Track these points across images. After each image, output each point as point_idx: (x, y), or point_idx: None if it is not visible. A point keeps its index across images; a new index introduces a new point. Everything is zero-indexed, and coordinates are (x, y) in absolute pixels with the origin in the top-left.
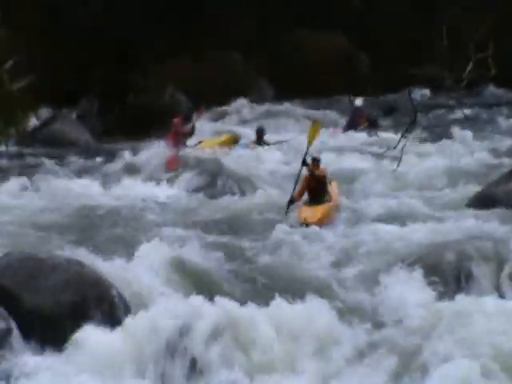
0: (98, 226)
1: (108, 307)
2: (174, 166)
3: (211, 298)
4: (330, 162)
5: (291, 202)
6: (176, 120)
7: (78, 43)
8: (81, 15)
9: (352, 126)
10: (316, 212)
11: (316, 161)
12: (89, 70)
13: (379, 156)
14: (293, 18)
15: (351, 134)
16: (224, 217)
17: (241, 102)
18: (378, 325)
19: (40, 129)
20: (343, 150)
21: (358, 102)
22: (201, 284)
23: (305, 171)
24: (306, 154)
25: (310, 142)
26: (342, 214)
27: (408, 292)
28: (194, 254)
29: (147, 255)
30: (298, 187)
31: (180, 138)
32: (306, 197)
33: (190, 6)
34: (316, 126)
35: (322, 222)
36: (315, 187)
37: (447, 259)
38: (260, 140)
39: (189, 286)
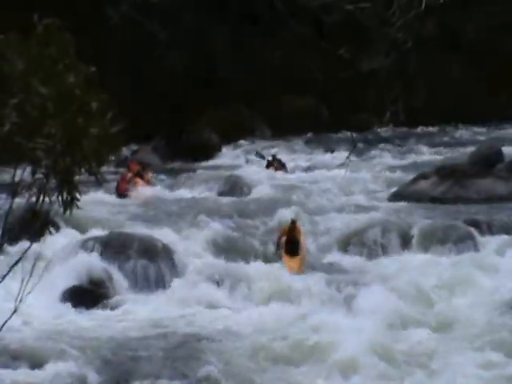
0: (164, 215)
1: (172, 262)
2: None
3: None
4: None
5: (277, 247)
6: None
7: (153, 103)
8: (150, 91)
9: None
10: (295, 264)
11: (294, 222)
12: (157, 120)
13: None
14: (282, 85)
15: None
16: (239, 209)
17: (250, 139)
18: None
19: (129, 156)
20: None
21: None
22: (233, 253)
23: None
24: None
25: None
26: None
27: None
28: (227, 233)
29: (196, 234)
30: (281, 237)
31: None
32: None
33: (216, 81)
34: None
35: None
36: (292, 241)
37: (375, 232)
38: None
39: (226, 255)
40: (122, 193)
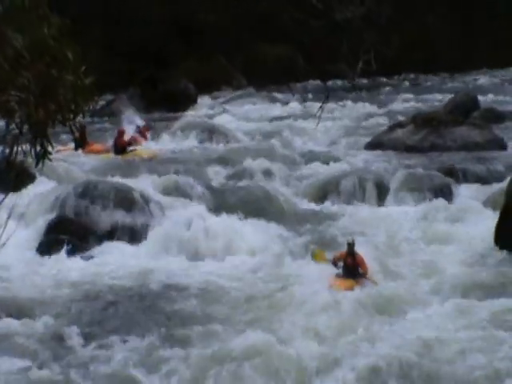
0: (142, 165)
1: (147, 212)
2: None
3: (215, 212)
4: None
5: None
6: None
7: (128, 53)
8: (129, 37)
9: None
10: (344, 284)
11: (350, 246)
12: (135, 70)
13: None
14: (256, 34)
15: None
16: (218, 158)
17: (227, 88)
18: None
19: (104, 106)
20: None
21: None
22: (213, 204)
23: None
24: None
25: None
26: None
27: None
28: (201, 182)
29: (174, 184)
30: (336, 261)
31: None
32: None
33: (192, 31)
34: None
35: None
36: (350, 266)
37: (351, 182)
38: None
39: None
40: (121, 148)
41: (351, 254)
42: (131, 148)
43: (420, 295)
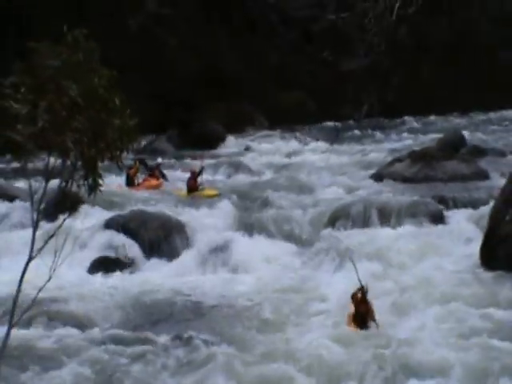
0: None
1: (184, 236)
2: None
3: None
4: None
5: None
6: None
7: (165, 99)
8: (164, 89)
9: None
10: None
11: (364, 293)
12: (171, 114)
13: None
14: (275, 84)
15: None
16: (243, 189)
17: (251, 129)
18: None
19: (147, 145)
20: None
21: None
22: (239, 228)
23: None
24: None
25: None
26: None
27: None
28: (229, 209)
29: (206, 211)
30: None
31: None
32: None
33: (220, 80)
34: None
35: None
36: (363, 312)
37: (358, 208)
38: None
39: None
40: (192, 189)
41: (364, 302)
42: (200, 187)
43: (413, 304)
